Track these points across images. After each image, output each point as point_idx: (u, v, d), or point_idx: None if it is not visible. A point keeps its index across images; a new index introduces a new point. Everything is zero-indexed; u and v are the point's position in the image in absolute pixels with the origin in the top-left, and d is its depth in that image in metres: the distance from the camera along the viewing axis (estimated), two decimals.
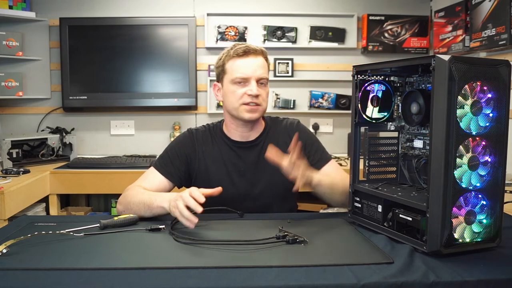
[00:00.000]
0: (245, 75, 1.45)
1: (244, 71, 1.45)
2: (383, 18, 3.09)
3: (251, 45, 1.49)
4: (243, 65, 1.45)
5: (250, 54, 1.46)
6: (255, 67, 1.45)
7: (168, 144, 1.62)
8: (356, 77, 1.25)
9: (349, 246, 1.10)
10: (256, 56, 1.47)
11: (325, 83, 3.15)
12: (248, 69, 1.45)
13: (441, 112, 0.96)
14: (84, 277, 0.88)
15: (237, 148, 1.54)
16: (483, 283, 0.89)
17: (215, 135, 1.56)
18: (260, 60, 1.48)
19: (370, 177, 1.30)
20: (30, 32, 2.95)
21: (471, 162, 0.99)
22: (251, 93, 1.44)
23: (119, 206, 1.44)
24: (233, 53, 1.46)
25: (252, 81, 1.45)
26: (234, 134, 1.54)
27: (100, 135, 3.14)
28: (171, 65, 3.03)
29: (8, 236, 1.11)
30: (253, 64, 1.46)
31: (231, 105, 1.48)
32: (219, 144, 1.55)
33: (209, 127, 1.60)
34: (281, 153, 1.30)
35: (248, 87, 1.45)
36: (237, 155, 1.53)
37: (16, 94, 2.88)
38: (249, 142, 1.54)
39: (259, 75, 1.46)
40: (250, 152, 1.53)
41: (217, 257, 1.00)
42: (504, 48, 2.27)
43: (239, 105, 1.46)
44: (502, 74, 1.01)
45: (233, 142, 1.54)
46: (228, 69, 1.48)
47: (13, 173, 2.33)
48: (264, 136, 1.55)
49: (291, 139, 1.50)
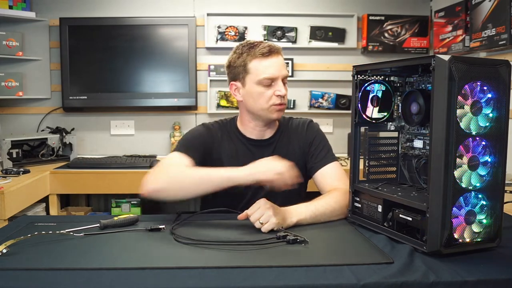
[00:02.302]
0: (273, 75, 1.44)
1: (272, 71, 1.44)
2: (383, 18, 3.09)
3: (272, 44, 1.49)
4: (270, 66, 1.44)
5: (274, 54, 1.46)
6: (280, 67, 1.46)
7: (182, 137, 1.58)
8: (356, 77, 1.25)
9: (349, 246, 1.10)
10: (278, 55, 1.47)
11: (325, 83, 3.15)
12: (275, 70, 1.45)
13: (441, 112, 0.96)
14: (84, 277, 0.88)
15: (251, 146, 1.55)
16: (483, 283, 0.89)
17: (230, 131, 1.57)
18: (281, 58, 1.49)
19: (370, 177, 1.30)
20: (30, 32, 2.95)
21: (471, 162, 0.99)
22: (280, 93, 1.44)
23: (154, 184, 1.29)
24: (258, 53, 1.44)
25: (279, 81, 1.45)
26: (251, 132, 1.55)
27: (100, 135, 3.14)
28: (171, 65, 3.03)
29: (8, 236, 1.11)
30: (279, 64, 1.46)
31: (260, 106, 1.47)
32: (234, 141, 1.55)
33: (223, 123, 1.59)
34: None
35: (275, 88, 1.45)
36: (251, 152, 1.54)
37: (16, 94, 2.88)
38: (264, 140, 1.56)
39: (284, 74, 1.47)
40: (264, 150, 1.54)
41: (217, 257, 1.00)
42: (504, 48, 2.27)
43: (269, 106, 1.46)
44: (502, 74, 1.01)
45: (248, 139, 1.55)
46: (252, 69, 1.45)
47: (13, 173, 2.33)
48: (278, 135, 1.57)
49: (301, 137, 1.55)
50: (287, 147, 1.57)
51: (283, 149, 1.56)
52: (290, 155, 1.55)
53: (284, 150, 1.55)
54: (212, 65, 3.08)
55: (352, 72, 1.25)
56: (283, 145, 1.57)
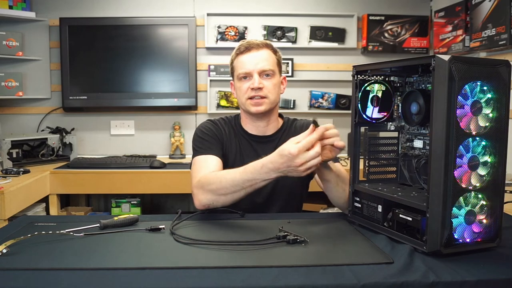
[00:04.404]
0: (247, 70, 1.50)
1: (246, 66, 1.50)
2: (383, 18, 3.09)
3: (254, 41, 1.54)
4: (245, 61, 1.51)
5: (252, 49, 1.51)
6: (257, 61, 1.50)
7: (194, 135, 1.57)
8: (356, 77, 1.25)
9: (349, 246, 1.10)
10: (258, 49, 1.51)
11: (325, 83, 3.15)
12: (250, 64, 1.50)
13: (441, 112, 0.96)
14: (84, 277, 0.88)
15: (254, 142, 1.58)
16: (483, 283, 0.89)
17: (234, 128, 1.60)
18: (262, 53, 1.51)
19: (370, 177, 1.30)
20: (30, 32, 2.95)
21: (471, 162, 0.99)
22: (253, 86, 1.48)
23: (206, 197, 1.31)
24: (236, 51, 1.54)
25: (254, 75, 1.49)
26: (251, 128, 1.59)
27: (100, 135, 3.14)
28: (171, 65, 3.03)
29: (8, 236, 1.11)
30: (255, 58, 1.50)
31: (240, 100, 1.55)
32: (238, 137, 1.58)
33: (228, 119, 1.63)
34: None
35: (251, 81, 1.49)
36: (253, 148, 1.57)
37: (16, 94, 2.88)
38: (266, 136, 1.58)
39: (261, 68, 1.49)
40: (266, 146, 1.55)
41: (217, 257, 1.00)
42: (504, 48, 2.27)
43: (245, 99, 1.52)
44: (502, 74, 1.01)
45: (250, 135, 1.58)
46: (235, 66, 1.55)
47: (13, 173, 2.33)
48: (281, 133, 1.60)
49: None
50: None
51: None
52: None
53: None
54: (212, 65, 3.08)
55: (352, 72, 1.25)
56: None
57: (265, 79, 1.50)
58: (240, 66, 1.51)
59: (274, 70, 1.52)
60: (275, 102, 1.55)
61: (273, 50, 1.54)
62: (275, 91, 1.53)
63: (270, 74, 1.51)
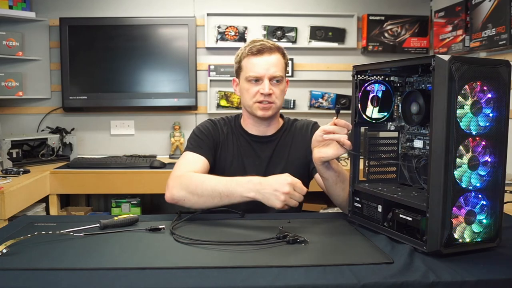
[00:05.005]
0: (258, 74, 1.49)
1: (257, 70, 1.49)
2: (383, 18, 3.09)
3: (266, 43, 1.52)
4: (257, 64, 1.49)
5: (265, 52, 1.50)
6: (268, 66, 1.49)
7: (191, 133, 1.58)
8: (356, 77, 1.25)
9: (349, 246, 1.10)
10: (270, 54, 1.50)
11: (325, 83, 3.15)
12: (261, 68, 1.49)
13: (441, 112, 0.96)
14: (84, 277, 0.88)
15: (253, 142, 1.58)
16: (483, 283, 0.89)
17: (234, 127, 1.60)
18: (274, 57, 1.50)
19: (370, 177, 1.30)
20: (30, 32, 2.95)
21: (471, 162, 0.99)
22: (263, 92, 1.48)
23: (179, 192, 1.32)
24: (248, 51, 1.51)
25: (265, 80, 1.48)
26: (252, 128, 1.59)
27: (100, 135, 3.14)
28: (171, 65, 3.03)
29: (8, 236, 1.11)
30: (267, 63, 1.49)
31: (246, 102, 1.54)
32: (238, 137, 1.59)
33: (228, 119, 1.63)
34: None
35: (260, 86, 1.49)
36: (253, 148, 1.57)
37: (16, 94, 2.88)
38: (266, 137, 1.59)
39: (271, 74, 1.49)
40: (266, 147, 1.56)
41: (217, 257, 1.00)
42: (504, 48, 2.27)
43: (253, 103, 1.51)
44: (502, 74, 1.01)
45: (250, 136, 1.59)
46: (243, 66, 1.53)
47: (13, 173, 2.33)
48: (281, 133, 1.60)
49: (306, 138, 1.55)
50: (290, 146, 1.59)
51: (286, 147, 1.58)
52: (292, 154, 1.57)
53: (286, 148, 1.58)
54: (212, 65, 3.08)
55: (352, 72, 1.25)
56: (285, 143, 1.59)
57: (274, 85, 1.50)
58: (251, 68, 1.50)
59: (283, 76, 1.53)
60: (281, 107, 1.57)
61: (282, 53, 1.55)
62: (282, 96, 1.55)
63: (280, 80, 1.52)
